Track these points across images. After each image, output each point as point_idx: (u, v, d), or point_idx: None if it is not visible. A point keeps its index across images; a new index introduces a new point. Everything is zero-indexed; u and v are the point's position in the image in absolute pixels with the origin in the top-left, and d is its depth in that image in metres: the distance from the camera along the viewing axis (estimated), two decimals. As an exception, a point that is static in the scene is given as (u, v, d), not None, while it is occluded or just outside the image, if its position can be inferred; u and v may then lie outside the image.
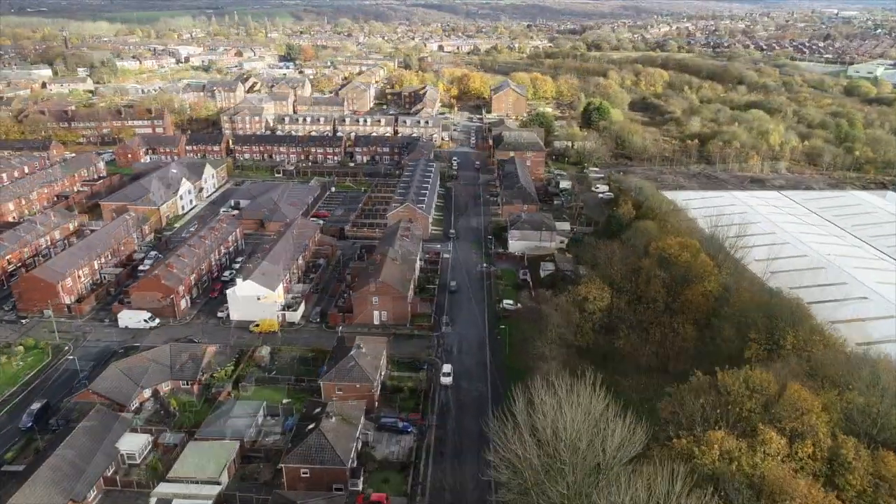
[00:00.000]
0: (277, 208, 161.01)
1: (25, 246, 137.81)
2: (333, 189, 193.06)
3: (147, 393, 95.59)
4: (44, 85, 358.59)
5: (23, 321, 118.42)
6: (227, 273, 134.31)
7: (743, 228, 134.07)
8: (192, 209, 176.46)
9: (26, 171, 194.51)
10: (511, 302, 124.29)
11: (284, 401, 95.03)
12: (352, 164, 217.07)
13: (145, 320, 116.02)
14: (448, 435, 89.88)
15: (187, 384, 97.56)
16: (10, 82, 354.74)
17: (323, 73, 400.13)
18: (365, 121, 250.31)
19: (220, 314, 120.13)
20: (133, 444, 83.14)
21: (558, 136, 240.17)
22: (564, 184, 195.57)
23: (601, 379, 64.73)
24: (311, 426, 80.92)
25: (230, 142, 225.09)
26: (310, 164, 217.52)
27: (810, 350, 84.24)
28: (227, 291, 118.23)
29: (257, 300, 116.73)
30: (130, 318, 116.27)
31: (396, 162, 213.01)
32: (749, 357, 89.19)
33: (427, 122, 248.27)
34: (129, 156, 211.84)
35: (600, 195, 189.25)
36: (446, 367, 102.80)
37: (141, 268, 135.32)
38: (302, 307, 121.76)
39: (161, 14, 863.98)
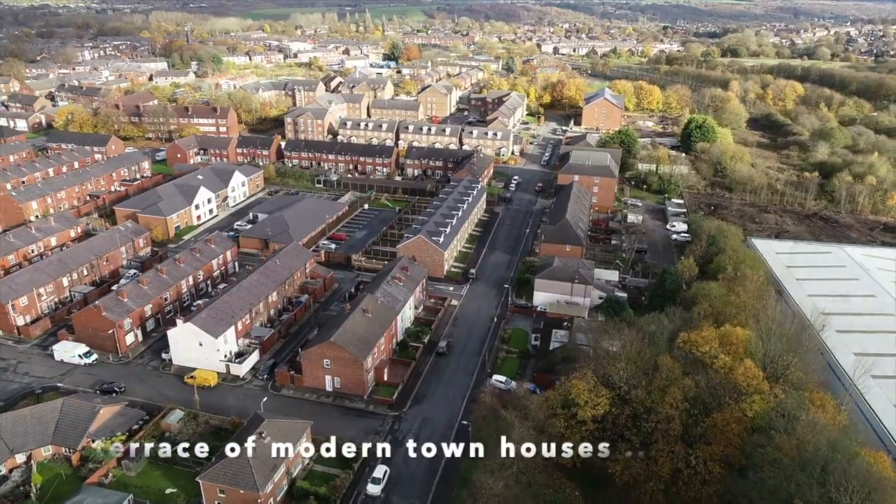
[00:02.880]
0: (285, 227, 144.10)
1: (11, 253, 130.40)
2: (367, 206, 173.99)
3: (20, 458, 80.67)
4: (150, 78, 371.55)
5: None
6: (197, 302, 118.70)
7: (837, 303, 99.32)
8: (210, 220, 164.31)
9: (76, 166, 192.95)
10: (503, 379, 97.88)
11: (168, 491, 76.76)
12: (399, 178, 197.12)
13: (81, 355, 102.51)
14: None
15: (69, 451, 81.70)
16: (120, 73, 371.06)
17: (418, 74, 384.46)
18: (429, 129, 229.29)
19: (164, 355, 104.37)
20: (-49, 536, 67.88)
21: (642, 157, 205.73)
22: (633, 217, 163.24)
23: None
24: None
25: (280, 146, 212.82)
26: (356, 175, 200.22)
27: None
28: (168, 332, 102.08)
29: (199, 345, 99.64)
30: (66, 352, 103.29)
31: (448, 178, 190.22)
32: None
33: (496, 134, 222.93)
34: (179, 155, 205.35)
35: (674, 236, 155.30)
36: (379, 470, 79.37)
37: (114, 287, 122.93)
38: (254, 357, 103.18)
39: (292, 10, 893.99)
